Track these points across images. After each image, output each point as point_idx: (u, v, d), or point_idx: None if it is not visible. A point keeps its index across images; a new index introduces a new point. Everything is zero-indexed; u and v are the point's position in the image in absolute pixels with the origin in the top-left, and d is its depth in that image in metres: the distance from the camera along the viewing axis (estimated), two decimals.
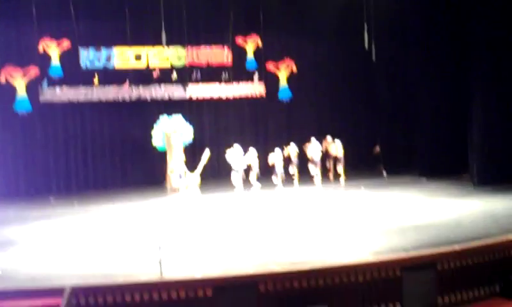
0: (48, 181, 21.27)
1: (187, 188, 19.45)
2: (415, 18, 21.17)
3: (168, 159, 20.97)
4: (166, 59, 22.07)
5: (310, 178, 20.48)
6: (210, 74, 22.57)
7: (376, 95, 23.70)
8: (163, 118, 21.28)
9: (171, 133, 21.03)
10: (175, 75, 22.17)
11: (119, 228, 14.40)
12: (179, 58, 22.26)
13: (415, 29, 21.17)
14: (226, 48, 22.74)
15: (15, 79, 20.79)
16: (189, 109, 22.24)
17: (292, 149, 20.69)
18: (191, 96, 22.36)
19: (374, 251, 10.80)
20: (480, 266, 10.77)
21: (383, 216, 14.27)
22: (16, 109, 20.88)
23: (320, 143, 21.06)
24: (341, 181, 20.75)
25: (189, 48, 22.32)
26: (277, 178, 19.88)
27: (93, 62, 21.47)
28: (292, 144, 20.80)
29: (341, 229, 13.08)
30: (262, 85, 23.22)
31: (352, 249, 11.16)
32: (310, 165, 20.69)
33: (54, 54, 21.14)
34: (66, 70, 21.26)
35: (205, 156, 18.51)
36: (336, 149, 21.11)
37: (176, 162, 20.04)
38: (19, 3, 20.16)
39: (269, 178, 20.07)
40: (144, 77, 21.89)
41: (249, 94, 23.12)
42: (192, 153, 20.80)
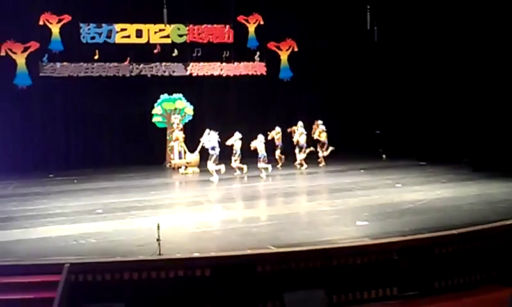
0: (47, 157, 21.27)
1: (187, 166, 19.52)
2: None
3: (168, 137, 21.01)
4: (167, 37, 22.00)
5: (295, 162, 20.04)
6: (211, 52, 22.52)
7: (377, 76, 23.63)
8: (163, 95, 21.25)
9: (171, 111, 21.04)
10: (176, 53, 22.13)
11: (118, 205, 14.41)
12: (180, 36, 22.18)
13: (418, 9, 21.06)
14: (228, 26, 22.66)
15: (15, 54, 20.74)
16: (189, 87, 22.18)
17: (276, 132, 19.95)
18: (191, 74, 22.33)
19: (371, 234, 10.83)
20: (477, 251, 10.82)
21: (381, 199, 14.29)
22: (16, 83, 20.86)
23: (311, 126, 20.58)
24: (321, 165, 20.38)
25: (191, 26, 22.23)
26: (260, 163, 18.80)
27: (93, 38, 21.42)
28: (276, 128, 20.01)
29: (338, 211, 13.10)
30: (263, 64, 23.17)
31: (349, 231, 11.19)
32: (296, 149, 20.07)
33: (55, 29, 21.07)
34: (67, 45, 21.26)
35: (205, 135, 18.50)
36: (320, 133, 20.48)
37: (176, 140, 20.07)
38: None
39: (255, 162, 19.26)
40: (145, 53, 21.86)
41: (249, 73, 23.10)
42: (192, 131, 20.80)
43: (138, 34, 21.75)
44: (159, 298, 9.42)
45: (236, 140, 18.45)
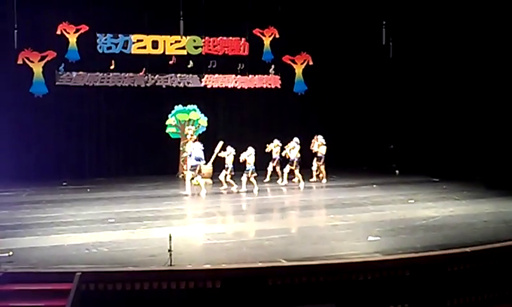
0: (61, 165, 21.38)
1: (200, 178, 19.51)
2: (433, 15, 21.04)
3: (181, 148, 21.06)
4: (183, 48, 22.12)
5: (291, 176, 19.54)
6: (226, 65, 22.63)
7: (392, 92, 23.59)
8: (178, 106, 21.35)
9: (185, 122, 21.12)
10: (191, 65, 22.25)
11: (131, 215, 14.45)
12: (196, 48, 22.30)
13: (433, 26, 21.04)
14: (243, 39, 22.77)
15: (32, 62, 20.94)
16: (204, 98, 22.27)
17: (274, 146, 19.66)
18: (206, 86, 22.42)
19: (383, 250, 10.76)
20: (490, 269, 10.72)
21: (393, 215, 14.23)
22: (32, 92, 21.04)
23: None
24: (323, 180, 20.06)
25: (206, 38, 22.35)
26: (245, 175, 18.10)
27: (110, 48, 21.59)
28: (275, 141, 19.69)
29: (350, 226, 13.05)
30: (278, 77, 23.23)
31: (361, 246, 11.14)
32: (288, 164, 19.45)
33: (72, 39, 21.27)
34: (83, 54, 21.43)
35: (219, 147, 18.52)
36: (319, 146, 20.02)
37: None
38: None
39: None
40: (160, 65, 21.99)
41: (264, 86, 23.16)
42: (205, 143, 20.82)
43: (154, 45, 21.90)
44: None
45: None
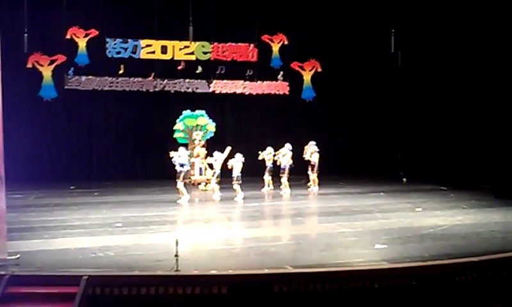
0: (69, 169, 21.45)
1: (207, 183, 19.54)
2: (442, 24, 21.00)
3: (189, 153, 21.05)
4: (192, 54, 22.18)
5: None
6: (235, 70, 22.66)
7: (400, 100, 23.55)
8: (186, 112, 21.38)
9: (193, 128, 21.14)
10: (199, 70, 22.30)
11: (138, 219, 14.47)
12: (205, 53, 22.35)
13: (442, 35, 21.00)
14: (252, 45, 22.79)
15: (41, 66, 21.04)
16: (212, 104, 22.31)
17: (267, 153, 19.40)
18: (214, 92, 22.46)
19: (390, 258, 10.72)
20: (497, 280, 10.65)
21: (400, 223, 14.17)
22: (41, 96, 21.13)
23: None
24: (314, 188, 19.80)
25: (215, 43, 22.39)
26: (234, 182, 17.97)
27: (119, 53, 21.67)
28: (268, 148, 19.46)
29: (357, 234, 13.01)
30: (286, 84, 23.23)
31: (368, 254, 11.11)
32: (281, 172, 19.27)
33: (82, 43, 21.37)
34: (93, 59, 21.56)
35: (226, 152, 18.51)
36: (311, 154, 19.84)
37: (197, 156, 20.11)
38: None
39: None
40: (169, 70, 22.06)
41: (272, 93, 23.16)
42: (213, 148, 20.83)
43: (163, 50, 21.97)
44: None
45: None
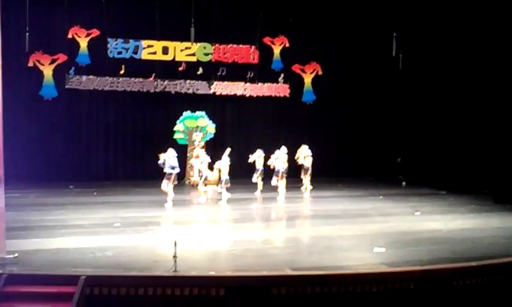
0: (68, 169, 21.42)
1: (206, 184, 19.50)
2: (444, 27, 21.00)
3: (188, 154, 21.07)
4: (193, 55, 22.19)
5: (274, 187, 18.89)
6: (236, 72, 22.67)
7: (400, 104, 23.55)
8: (186, 113, 21.38)
9: (193, 129, 21.15)
10: (200, 71, 22.31)
11: (136, 220, 14.46)
12: (206, 55, 22.36)
13: (443, 40, 21.00)
14: (253, 47, 22.80)
15: (42, 65, 21.04)
16: (212, 105, 22.32)
17: (258, 156, 19.10)
18: (215, 93, 22.46)
19: (388, 262, 10.72)
20: (496, 285, 10.64)
21: (399, 227, 14.16)
22: (42, 95, 21.13)
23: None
24: (306, 192, 19.40)
25: (217, 45, 22.41)
26: (220, 185, 17.78)
27: (120, 53, 21.67)
28: (258, 151, 19.12)
29: (356, 237, 13.00)
30: (287, 86, 23.24)
31: (366, 258, 11.10)
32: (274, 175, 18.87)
33: (83, 43, 21.38)
34: (94, 58, 21.55)
35: (226, 153, 18.50)
36: (304, 157, 19.39)
37: (197, 157, 20.09)
38: None
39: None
40: (170, 70, 22.06)
41: (273, 95, 23.17)
42: (213, 149, 20.85)
43: (164, 51, 21.99)
44: None
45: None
